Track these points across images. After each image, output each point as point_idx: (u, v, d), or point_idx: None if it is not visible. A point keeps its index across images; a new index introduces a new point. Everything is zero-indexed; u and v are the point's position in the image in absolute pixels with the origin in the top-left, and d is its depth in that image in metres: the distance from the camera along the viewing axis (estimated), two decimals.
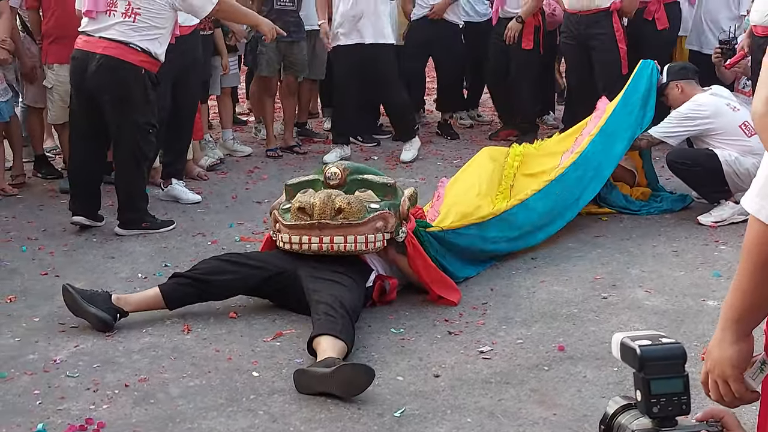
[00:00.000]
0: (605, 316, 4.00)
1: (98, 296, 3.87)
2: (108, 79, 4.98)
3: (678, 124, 5.46)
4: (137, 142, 5.12)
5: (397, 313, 4.07)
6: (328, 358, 3.30)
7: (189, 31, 5.67)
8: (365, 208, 3.97)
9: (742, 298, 1.55)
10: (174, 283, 3.97)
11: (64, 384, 3.37)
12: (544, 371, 3.45)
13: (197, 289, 3.94)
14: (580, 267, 4.65)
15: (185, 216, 5.63)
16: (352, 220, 3.92)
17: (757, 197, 1.48)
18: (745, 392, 1.61)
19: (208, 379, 3.41)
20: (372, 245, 3.97)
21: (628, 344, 1.49)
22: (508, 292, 4.32)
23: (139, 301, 3.94)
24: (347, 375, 3.17)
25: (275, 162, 7.12)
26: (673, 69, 5.75)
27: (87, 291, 3.91)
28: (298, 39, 7.11)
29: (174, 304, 3.95)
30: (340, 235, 3.93)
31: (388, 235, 4.01)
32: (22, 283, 4.46)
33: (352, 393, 3.18)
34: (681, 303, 4.13)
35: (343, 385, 3.16)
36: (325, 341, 3.43)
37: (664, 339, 1.48)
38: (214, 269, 3.99)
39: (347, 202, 3.94)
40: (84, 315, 3.83)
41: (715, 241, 5.01)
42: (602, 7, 6.69)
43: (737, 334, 1.59)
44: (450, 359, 3.57)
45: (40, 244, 5.06)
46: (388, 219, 4.00)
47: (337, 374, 3.15)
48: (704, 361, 1.67)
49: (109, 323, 3.81)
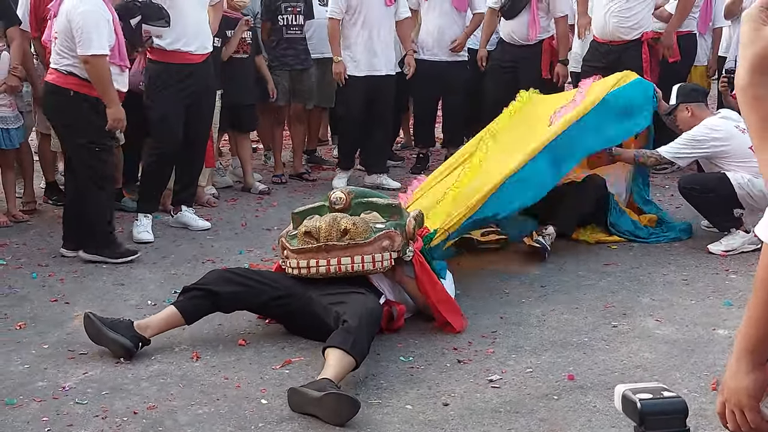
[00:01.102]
0: (615, 345, 3.98)
1: (120, 324, 3.88)
2: (50, 105, 5.22)
3: (688, 145, 5.46)
4: (87, 163, 5.12)
5: (406, 341, 4.05)
6: (324, 380, 3.34)
7: (201, 59, 5.71)
8: (371, 228, 4.01)
9: (756, 327, 1.54)
10: (188, 298, 3.98)
11: (72, 411, 3.36)
12: (554, 400, 3.43)
13: (210, 300, 3.96)
14: (590, 295, 4.64)
15: (195, 243, 5.64)
16: (358, 240, 3.95)
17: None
18: (761, 422, 1.60)
19: (217, 406, 3.40)
20: (380, 264, 3.98)
21: (629, 397, 1.46)
22: (517, 320, 4.31)
23: (159, 323, 3.94)
24: (332, 404, 3.19)
25: (285, 189, 7.14)
26: (683, 91, 5.74)
27: (108, 319, 3.92)
28: (307, 67, 7.16)
29: (192, 319, 3.98)
30: (347, 255, 3.95)
31: (395, 254, 4.03)
32: (32, 310, 4.47)
33: (336, 422, 3.20)
34: (692, 332, 4.11)
35: (329, 412, 3.20)
36: (333, 355, 3.46)
37: (665, 392, 1.45)
38: (223, 279, 4.01)
39: (352, 223, 3.97)
40: (106, 342, 3.83)
41: (725, 270, 4.99)
42: (632, 39, 6.73)
43: (752, 364, 1.57)
44: (459, 388, 3.55)
45: (50, 270, 5.08)
46: (395, 238, 4.02)
47: (324, 400, 3.19)
48: (718, 391, 1.65)
49: (131, 350, 3.81)
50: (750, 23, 1.39)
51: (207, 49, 5.77)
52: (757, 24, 1.38)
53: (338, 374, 3.41)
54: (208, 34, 5.81)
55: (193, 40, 5.64)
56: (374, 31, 6.93)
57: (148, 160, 5.92)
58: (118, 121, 5.08)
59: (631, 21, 6.70)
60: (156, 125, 5.74)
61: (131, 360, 3.79)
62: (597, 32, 6.86)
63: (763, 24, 1.38)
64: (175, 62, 5.62)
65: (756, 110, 1.37)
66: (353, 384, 3.57)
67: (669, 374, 3.62)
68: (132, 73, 6.04)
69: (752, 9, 1.41)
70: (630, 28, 6.71)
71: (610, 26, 6.73)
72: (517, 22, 7.19)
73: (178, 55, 5.61)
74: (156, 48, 5.62)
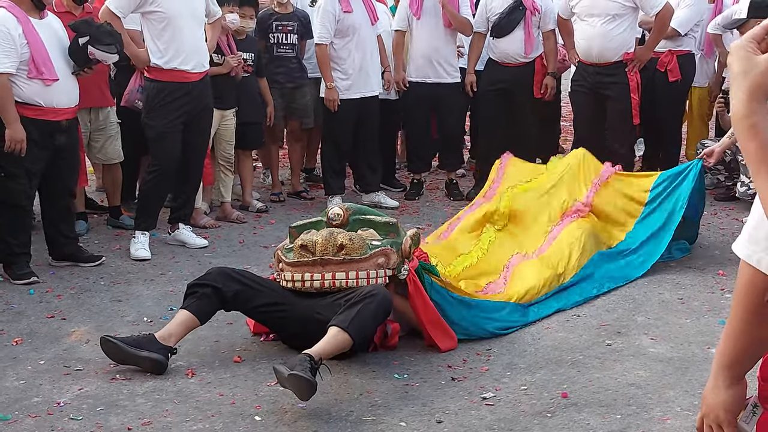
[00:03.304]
0: (610, 363, 3.99)
1: (143, 339, 3.89)
2: None
3: None
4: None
5: (401, 358, 4.06)
6: (301, 355, 3.53)
7: (199, 77, 5.74)
8: (367, 245, 4.04)
9: (734, 343, 1.57)
10: (197, 299, 4.00)
11: (67, 427, 3.37)
12: (548, 418, 3.44)
13: (216, 297, 4.00)
14: (585, 314, 4.65)
15: (192, 260, 5.65)
16: (354, 256, 3.98)
17: (747, 242, 1.50)
18: None
19: (211, 423, 3.40)
20: (374, 281, 4.00)
21: None
22: (512, 338, 4.32)
23: (179, 330, 3.96)
24: (295, 384, 3.41)
25: (283, 207, 7.16)
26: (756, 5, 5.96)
27: (129, 337, 3.94)
28: (301, 85, 7.16)
29: (205, 319, 4.04)
30: (342, 271, 3.99)
31: (390, 271, 4.05)
32: (28, 326, 4.48)
33: (302, 399, 3.46)
34: (686, 350, 4.12)
35: (294, 389, 3.43)
36: (330, 332, 3.66)
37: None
38: (225, 276, 4.05)
39: (349, 238, 4.00)
40: (135, 361, 3.84)
41: (721, 288, 5.01)
42: (617, 60, 6.78)
43: (730, 379, 1.60)
44: (453, 405, 3.56)
45: (47, 287, 5.09)
46: (390, 255, 4.04)
47: (289, 379, 3.41)
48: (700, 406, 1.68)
49: (164, 364, 3.85)
50: (741, 52, 1.42)
51: (204, 67, 5.79)
52: (748, 53, 1.41)
53: (324, 349, 3.56)
54: (205, 53, 5.82)
55: (190, 59, 5.66)
56: (367, 52, 6.90)
57: (146, 177, 5.94)
58: (15, 142, 4.97)
59: (614, 42, 6.74)
60: (154, 143, 5.76)
61: (125, 375, 3.80)
62: (582, 55, 6.91)
63: (754, 53, 1.41)
64: (173, 80, 5.64)
65: (753, 138, 1.39)
66: (347, 401, 3.58)
67: (663, 392, 3.63)
68: (128, 90, 6.11)
69: (741, 40, 1.44)
70: (614, 49, 6.76)
71: (595, 49, 6.79)
72: (511, 40, 7.18)
73: (175, 73, 5.63)
74: (153, 66, 5.65)
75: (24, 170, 5.12)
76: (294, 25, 7.05)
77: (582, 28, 6.87)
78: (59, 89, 5.18)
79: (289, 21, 7.06)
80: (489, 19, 7.23)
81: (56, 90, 5.16)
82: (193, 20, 5.72)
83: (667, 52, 7.22)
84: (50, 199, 5.41)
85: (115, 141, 6.26)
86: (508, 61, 7.27)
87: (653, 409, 3.49)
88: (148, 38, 5.68)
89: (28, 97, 5.07)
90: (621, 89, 6.82)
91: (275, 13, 7.09)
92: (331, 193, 7.14)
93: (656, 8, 6.72)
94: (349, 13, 6.77)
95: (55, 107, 5.17)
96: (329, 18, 6.75)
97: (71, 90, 5.29)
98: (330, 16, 6.75)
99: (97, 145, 6.22)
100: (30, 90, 5.06)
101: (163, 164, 5.73)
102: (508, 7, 7.14)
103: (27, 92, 5.06)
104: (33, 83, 5.06)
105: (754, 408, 1.61)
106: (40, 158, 5.16)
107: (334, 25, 6.77)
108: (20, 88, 5.04)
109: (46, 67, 5.08)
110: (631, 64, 6.80)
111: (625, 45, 6.79)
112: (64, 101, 5.22)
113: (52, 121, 5.16)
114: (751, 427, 1.62)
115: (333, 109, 6.85)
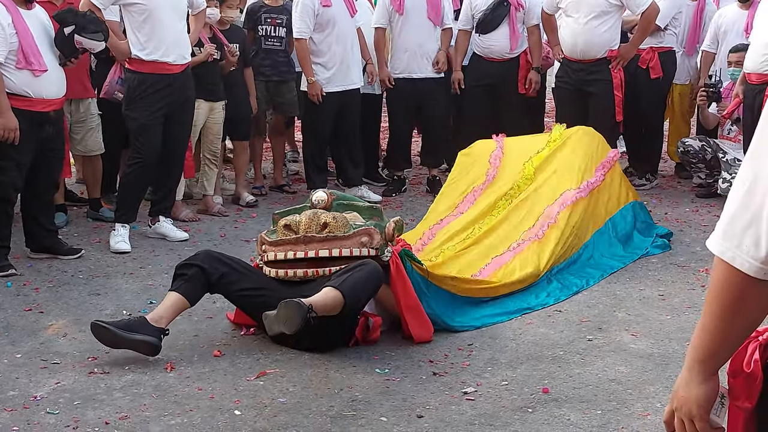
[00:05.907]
0: (590, 358, 3.99)
1: (135, 322, 3.87)
2: None
3: None
4: None
5: (382, 353, 4.05)
6: (287, 300, 3.66)
7: (180, 69, 5.69)
8: (350, 225, 4.08)
9: (708, 338, 1.56)
10: (185, 281, 4.00)
11: (43, 421, 3.33)
12: (529, 413, 3.43)
13: (204, 278, 4.02)
14: (566, 310, 4.65)
15: (173, 253, 5.61)
16: (337, 233, 4.01)
17: (721, 239, 1.49)
18: (709, 430, 1.61)
19: (190, 417, 3.37)
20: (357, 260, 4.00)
21: None
22: (494, 333, 4.31)
23: (169, 312, 3.96)
24: (284, 310, 3.58)
25: (265, 201, 7.12)
26: None
27: (120, 321, 3.92)
28: (287, 79, 7.13)
29: (195, 300, 4.05)
30: (326, 248, 4.01)
31: (374, 251, 4.06)
32: (5, 319, 4.43)
33: (291, 330, 3.62)
34: (667, 347, 4.12)
35: (284, 317, 3.61)
36: (323, 290, 3.79)
37: None
38: (212, 258, 4.08)
39: (332, 217, 4.06)
40: (129, 345, 3.82)
41: (701, 285, 5.02)
42: (601, 57, 6.80)
43: (703, 375, 1.60)
44: (434, 400, 3.54)
45: (25, 279, 5.03)
46: (374, 235, 4.07)
47: (280, 307, 3.59)
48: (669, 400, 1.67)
49: (159, 347, 3.85)
50: None
51: (186, 59, 5.74)
52: None
53: (316, 300, 3.68)
54: (186, 45, 5.78)
55: (171, 51, 5.61)
56: (348, 45, 6.85)
57: (126, 169, 5.89)
58: (8, 131, 4.94)
59: (599, 39, 6.75)
60: (135, 135, 5.71)
61: (102, 368, 3.77)
62: (567, 51, 6.92)
63: None
64: (154, 72, 5.59)
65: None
66: (327, 396, 3.56)
67: (643, 388, 3.63)
68: (108, 82, 6.05)
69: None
70: (599, 46, 6.76)
71: (579, 46, 6.79)
72: (496, 36, 7.18)
73: (156, 65, 5.59)
74: (134, 58, 5.60)
75: (15, 162, 5.08)
76: (283, 18, 6.99)
77: (567, 24, 6.87)
78: (48, 80, 5.15)
79: (279, 14, 7.02)
80: (474, 15, 7.22)
81: (45, 80, 5.13)
82: (174, 12, 5.68)
83: (648, 49, 7.23)
84: (35, 192, 5.35)
85: (96, 133, 6.21)
86: (493, 56, 7.26)
87: (633, 405, 3.49)
88: (128, 30, 5.64)
89: (17, 88, 5.03)
90: (605, 86, 6.84)
91: (265, 5, 7.04)
92: (313, 187, 7.08)
93: (642, 7, 6.74)
94: (328, 7, 6.72)
95: (44, 98, 5.13)
96: (308, 12, 6.69)
97: (59, 80, 5.26)
98: (309, 10, 6.69)
99: (78, 136, 6.17)
100: (19, 80, 5.03)
101: (144, 156, 5.69)
102: (492, 3, 7.12)
103: (16, 83, 5.02)
104: (21, 74, 5.03)
105: (722, 399, 1.61)
106: (30, 149, 5.12)
107: (313, 19, 6.72)
108: (9, 79, 5.00)
109: (35, 58, 5.05)
110: (615, 61, 6.81)
111: (610, 42, 6.81)
112: (53, 92, 5.19)
113: (41, 111, 5.12)
114: (722, 419, 1.61)
115: (317, 102, 6.80)
